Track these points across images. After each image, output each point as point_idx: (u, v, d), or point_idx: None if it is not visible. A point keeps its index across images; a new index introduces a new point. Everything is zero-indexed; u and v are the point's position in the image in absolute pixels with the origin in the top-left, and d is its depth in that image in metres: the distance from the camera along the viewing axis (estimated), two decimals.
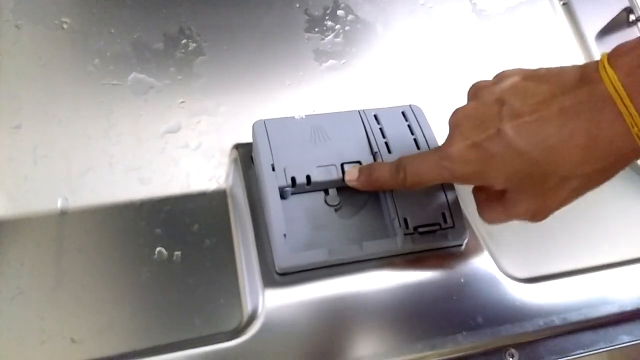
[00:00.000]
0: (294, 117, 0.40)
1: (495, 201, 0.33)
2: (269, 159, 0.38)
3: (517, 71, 0.30)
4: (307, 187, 0.39)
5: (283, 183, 0.38)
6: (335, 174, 0.39)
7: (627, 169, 0.48)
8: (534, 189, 0.29)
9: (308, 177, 0.38)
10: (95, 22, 0.46)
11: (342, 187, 0.39)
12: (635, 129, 0.24)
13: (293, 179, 0.38)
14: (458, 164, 0.30)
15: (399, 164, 0.35)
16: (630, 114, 0.24)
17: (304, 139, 0.39)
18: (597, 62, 0.26)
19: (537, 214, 0.31)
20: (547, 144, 0.26)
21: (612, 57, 0.26)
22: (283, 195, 0.38)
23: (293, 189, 0.38)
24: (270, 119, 0.40)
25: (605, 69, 0.25)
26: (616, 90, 0.24)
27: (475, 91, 0.31)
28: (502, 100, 0.29)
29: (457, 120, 0.31)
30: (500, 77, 0.30)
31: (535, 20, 0.56)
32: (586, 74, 0.26)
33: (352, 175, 0.38)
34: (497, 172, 0.29)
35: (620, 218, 0.45)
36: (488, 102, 0.29)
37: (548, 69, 0.29)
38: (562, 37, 0.56)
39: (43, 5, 0.46)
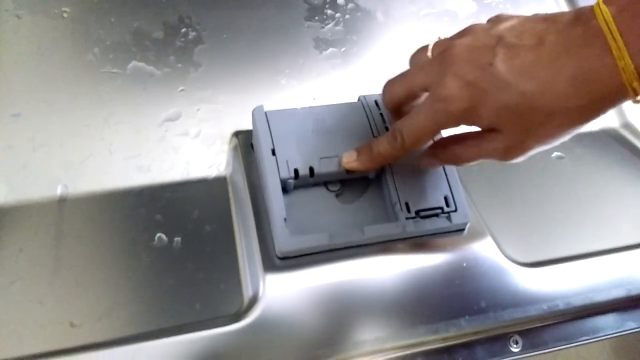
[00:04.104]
0: (295, 108, 0.40)
1: (468, 138, 0.32)
2: (268, 143, 0.38)
3: (514, 15, 0.30)
4: (310, 180, 0.38)
5: (286, 175, 0.37)
6: (338, 166, 0.38)
7: (630, 154, 0.48)
8: (519, 125, 0.29)
9: (311, 169, 0.37)
10: (95, 11, 0.46)
11: (345, 179, 0.39)
12: (622, 62, 0.25)
13: (296, 171, 0.37)
14: (451, 102, 0.29)
15: (394, 130, 0.34)
16: (619, 48, 0.25)
17: (306, 130, 0.39)
18: (592, 5, 0.27)
19: (512, 151, 0.30)
20: (537, 77, 0.27)
21: None
22: (285, 189, 0.37)
23: (295, 182, 0.38)
24: (271, 111, 0.39)
25: (599, 6, 0.26)
26: (607, 24, 0.25)
27: (471, 29, 0.31)
28: (499, 37, 0.29)
29: (451, 57, 0.30)
30: (497, 20, 0.30)
31: (537, 8, 0.56)
32: (581, 13, 0.27)
33: (350, 157, 0.37)
34: (488, 107, 0.28)
35: (624, 202, 0.45)
36: (484, 38, 0.29)
37: (545, 14, 0.29)
38: None
39: None
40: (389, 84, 0.36)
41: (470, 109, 0.29)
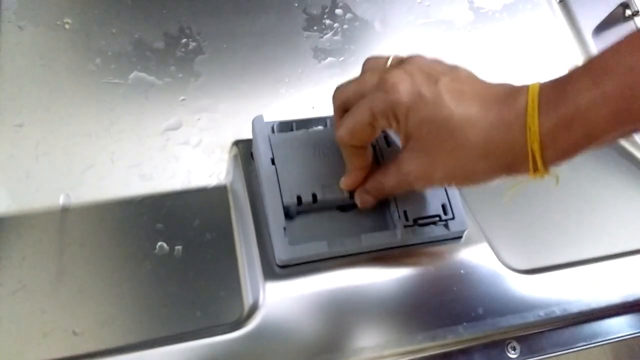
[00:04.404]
0: (296, 132, 0.40)
1: (390, 164, 0.34)
2: (268, 153, 0.39)
3: None
4: (314, 206, 0.38)
5: (289, 202, 0.37)
6: (341, 192, 0.38)
7: (625, 161, 0.49)
8: (432, 143, 0.30)
9: (314, 196, 0.37)
10: (97, 22, 0.47)
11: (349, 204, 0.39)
12: (530, 120, 0.26)
13: (299, 198, 0.37)
14: (392, 92, 0.30)
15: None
16: (532, 108, 0.27)
17: (308, 156, 0.39)
18: None
19: (422, 178, 0.32)
20: (469, 108, 0.28)
21: None
22: (288, 215, 0.38)
23: (299, 208, 0.38)
24: (274, 134, 0.40)
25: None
26: (534, 88, 0.27)
27: (437, 58, 0.33)
28: (455, 67, 0.31)
29: (409, 63, 0.31)
30: None
31: (533, 17, 0.57)
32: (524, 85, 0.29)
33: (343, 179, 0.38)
34: (418, 113, 0.29)
35: (620, 209, 0.45)
36: (443, 64, 0.31)
37: None
38: (559, 33, 0.57)
39: (45, 6, 0.46)
40: (341, 85, 0.35)
41: (403, 107, 0.30)
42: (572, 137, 0.26)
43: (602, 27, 0.55)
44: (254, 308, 0.35)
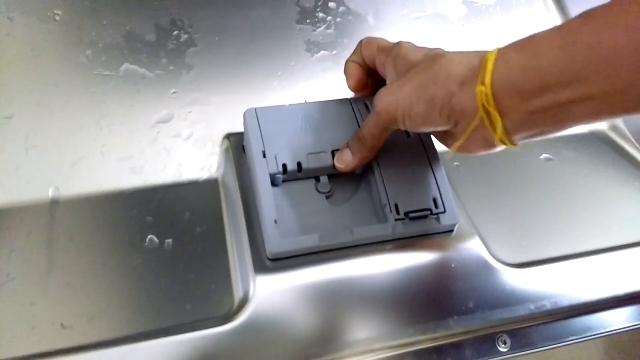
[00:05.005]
0: (285, 105, 0.41)
1: None
2: (260, 146, 0.38)
3: None
4: (299, 175, 0.39)
5: (274, 170, 0.38)
6: (326, 161, 0.39)
7: (617, 155, 0.49)
8: (415, 69, 0.34)
9: (299, 164, 0.38)
10: (88, 14, 0.46)
11: (333, 174, 0.40)
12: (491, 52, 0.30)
13: (284, 166, 0.38)
14: (399, 42, 0.37)
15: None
16: (494, 50, 0.30)
17: (295, 127, 0.40)
18: None
19: (390, 100, 0.34)
20: (453, 54, 0.33)
21: None
22: (274, 183, 0.38)
23: (284, 176, 0.38)
24: (261, 108, 0.40)
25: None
26: (489, 58, 0.30)
27: None
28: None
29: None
30: None
31: (526, 11, 0.57)
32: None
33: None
34: (416, 49, 0.35)
35: (611, 204, 0.45)
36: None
37: None
38: None
39: None
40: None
41: (405, 48, 0.36)
42: (520, 58, 0.29)
43: None
44: (244, 301, 0.35)
